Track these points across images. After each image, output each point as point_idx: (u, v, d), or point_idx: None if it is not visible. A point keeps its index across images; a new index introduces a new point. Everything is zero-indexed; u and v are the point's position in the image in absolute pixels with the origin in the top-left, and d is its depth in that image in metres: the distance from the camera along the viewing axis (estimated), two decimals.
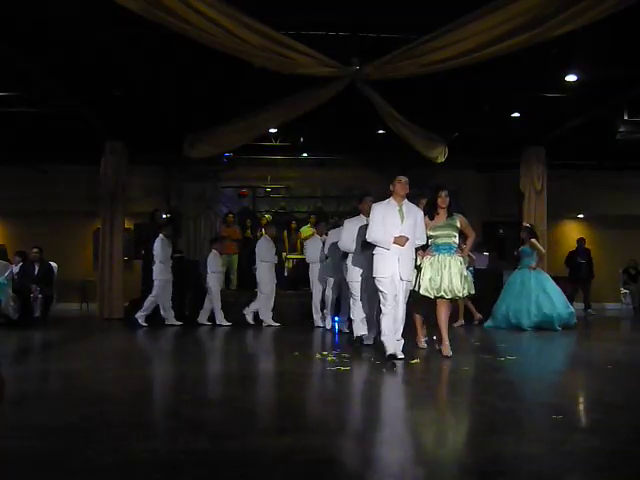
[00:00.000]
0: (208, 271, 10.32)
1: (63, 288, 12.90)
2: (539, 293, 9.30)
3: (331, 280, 9.30)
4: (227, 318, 10.23)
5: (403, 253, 5.96)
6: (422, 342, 6.88)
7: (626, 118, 9.63)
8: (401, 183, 6.07)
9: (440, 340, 6.33)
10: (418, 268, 6.32)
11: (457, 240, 6.39)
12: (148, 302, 10.11)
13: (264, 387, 5.13)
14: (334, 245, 8.23)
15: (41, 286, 10.52)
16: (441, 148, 10.40)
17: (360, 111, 9.00)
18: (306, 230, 12.88)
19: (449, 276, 6.17)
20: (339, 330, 9.13)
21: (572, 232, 14.92)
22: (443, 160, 10.51)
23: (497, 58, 6.63)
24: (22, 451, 3.00)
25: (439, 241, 6.31)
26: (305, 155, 13.57)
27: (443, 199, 6.34)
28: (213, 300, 10.27)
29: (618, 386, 4.82)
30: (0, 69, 7.96)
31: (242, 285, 11.89)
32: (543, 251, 9.76)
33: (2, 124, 10.60)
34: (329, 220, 13.32)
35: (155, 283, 10.08)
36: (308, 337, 8.70)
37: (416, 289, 6.29)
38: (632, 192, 14.48)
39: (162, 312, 10.14)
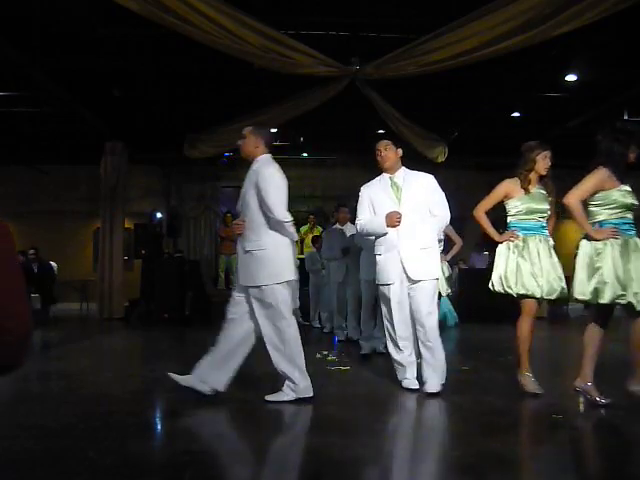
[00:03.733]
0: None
1: (63, 288, 12.90)
2: None
3: (334, 285, 8.37)
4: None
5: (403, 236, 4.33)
6: (531, 382, 4.38)
7: (626, 118, 9.62)
8: (379, 149, 4.53)
9: (519, 365, 4.36)
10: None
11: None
12: None
13: (264, 387, 5.13)
14: (332, 245, 8.00)
15: (40, 286, 10.52)
16: (441, 148, 10.41)
17: (360, 111, 9.00)
18: (305, 230, 12.93)
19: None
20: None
21: (572, 232, 14.82)
22: (443, 160, 10.51)
23: (497, 58, 6.63)
24: (22, 451, 3.00)
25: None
26: (305, 155, 13.58)
27: (544, 163, 4.44)
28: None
29: (618, 386, 4.82)
30: (0, 69, 7.95)
31: None
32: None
33: (2, 124, 10.60)
34: (330, 220, 13.38)
35: None
36: (308, 336, 8.70)
37: (527, 291, 4.27)
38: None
39: None
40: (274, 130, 11.44)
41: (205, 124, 9.54)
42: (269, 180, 4.03)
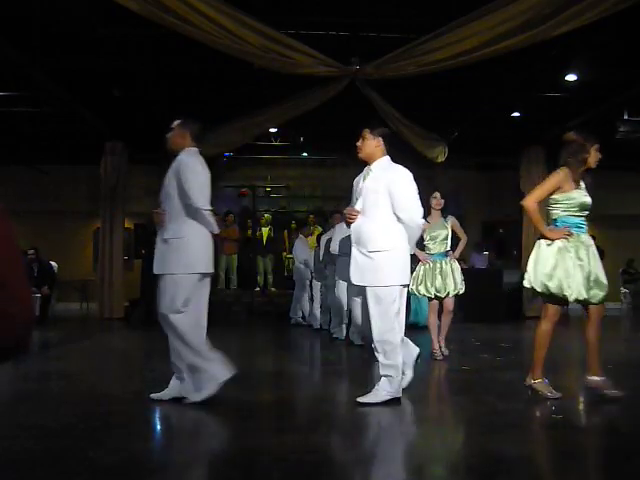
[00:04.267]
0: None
1: (63, 288, 12.90)
2: None
3: (339, 282, 7.73)
4: (226, 318, 10.25)
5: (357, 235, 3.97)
6: (547, 387, 4.15)
7: (626, 118, 9.62)
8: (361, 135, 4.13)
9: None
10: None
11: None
12: (296, 301, 10.33)
13: (264, 387, 5.13)
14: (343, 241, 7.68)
15: (41, 286, 10.51)
16: (441, 148, 10.41)
17: (360, 111, 8.99)
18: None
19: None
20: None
21: None
22: (443, 160, 10.51)
23: (497, 58, 6.63)
24: (22, 451, 3.00)
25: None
26: (305, 155, 13.60)
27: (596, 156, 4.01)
28: None
29: (618, 386, 4.82)
30: (0, 69, 7.95)
31: (242, 285, 11.90)
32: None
33: (2, 124, 10.60)
34: (328, 220, 13.37)
35: (303, 284, 10.22)
36: (309, 336, 8.69)
37: (581, 297, 3.93)
38: (631, 192, 14.48)
39: (293, 311, 10.31)
40: (274, 130, 11.50)
41: (205, 124, 9.53)
42: (190, 168, 4.01)
